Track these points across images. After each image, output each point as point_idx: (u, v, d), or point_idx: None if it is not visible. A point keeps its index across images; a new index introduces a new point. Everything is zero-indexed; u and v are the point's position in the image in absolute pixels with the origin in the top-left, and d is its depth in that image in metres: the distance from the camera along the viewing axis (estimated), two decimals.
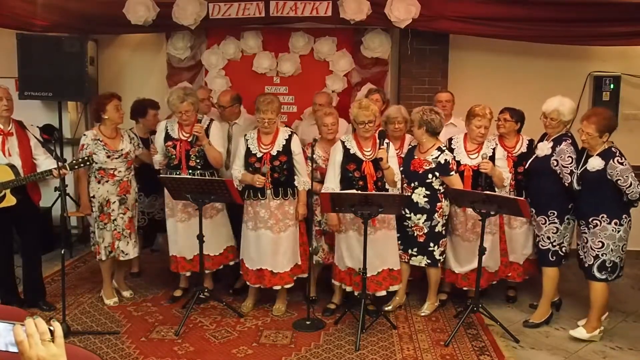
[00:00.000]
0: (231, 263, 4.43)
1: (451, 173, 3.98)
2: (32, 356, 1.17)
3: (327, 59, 5.50)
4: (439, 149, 4.01)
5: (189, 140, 4.15)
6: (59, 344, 1.21)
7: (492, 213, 3.77)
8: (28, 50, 5.18)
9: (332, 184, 3.92)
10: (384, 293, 4.04)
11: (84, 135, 4.19)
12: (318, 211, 4.14)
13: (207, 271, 4.31)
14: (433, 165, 3.97)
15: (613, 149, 3.62)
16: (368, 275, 3.87)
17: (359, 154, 3.92)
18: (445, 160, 3.96)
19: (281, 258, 4.03)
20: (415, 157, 4.05)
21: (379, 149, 3.80)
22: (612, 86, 5.39)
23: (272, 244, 4.01)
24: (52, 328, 1.21)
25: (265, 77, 5.56)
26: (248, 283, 4.22)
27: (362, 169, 3.89)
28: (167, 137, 4.22)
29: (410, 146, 4.17)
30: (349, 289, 4.07)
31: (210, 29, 5.49)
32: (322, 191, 3.90)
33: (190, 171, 4.16)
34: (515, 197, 3.75)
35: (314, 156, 4.05)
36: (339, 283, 4.13)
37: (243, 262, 4.19)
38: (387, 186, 3.94)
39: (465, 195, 3.86)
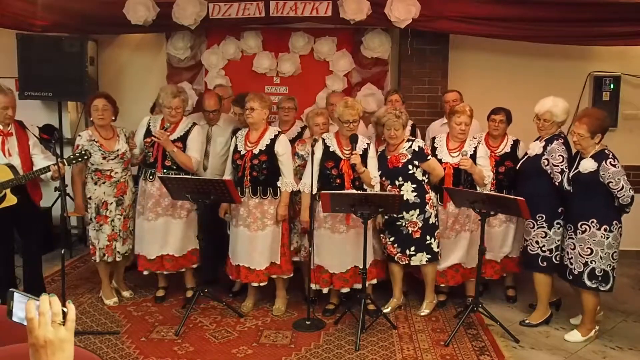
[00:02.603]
0: (193, 266, 4.36)
1: (428, 158, 4.03)
2: (39, 336, 1.13)
3: (327, 59, 5.50)
4: (408, 140, 4.07)
5: (153, 139, 4.11)
6: (70, 328, 1.17)
7: (491, 213, 3.77)
8: (28, 50, 5.18)
9: (309, 179, 3.94)
10: (347, 290, 4.09)
11: (79, 135, 4.20)
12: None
13: (165, 272, 4.34)
14: (409, 156, 4.00)
15: (606, 151, 3.58)
16: (335, 272, 3.99)
17: (338, 152, 3.96)
18: (419, 146, 4.02)
19: (257, 256, 4.04)
20: (388, 156, 4.06)
21: (352, 154, 3.82)
22: (612, 86, 5.39)
23: (248, 242, 4.03)
24: (65, 310, 1.17)
25: (265, 77, 5.56)
26: (230, 277, 4.26)
27: (340, 167, 3.91)
28: (148, 133, 4.21)
29: (378, 152, 4.15)
30: (314, 286, 4.06)
31: (210, 29, 5.49)
32: (300, 187, 3.99)
33: (165, 170, 4.14)
34: (516, 197, 3.74)
35: (302, 153, 4.20)
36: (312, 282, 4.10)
37: (229, 257, 4.22)
38: (364, 186, 3.96)
39: (465, 195, 3.85)
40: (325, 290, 4.10)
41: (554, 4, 4.99)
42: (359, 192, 3.86)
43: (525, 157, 4.03)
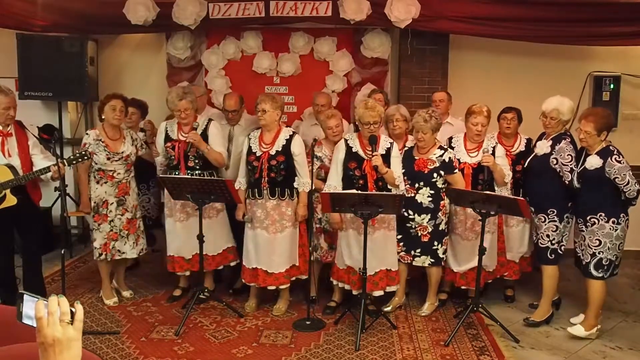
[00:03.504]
0: (232, 264, 4.42)
1: (455, 171, 4.00)
2: (47, 335, 1.17)
3: (327, 59, 5.50)
4: (440, 147, 4.03)
5: (187, 140, 4.13)
6: (77, 328, 1.20)
7: (492, 213, 3.77)
8: (28, 50, 5.18)
9: (334, 181, 3.95)
10: (381, 293, 4.04)
11: (87, 134, 4.20)
12: (319, 209, 4.14)
13: (205, 270, 4.31)
14: (438, 164, 3.98)
15: (611, 147, 3.64)
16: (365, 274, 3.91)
17: (360, 153, 3.93)
18: (449, 158, 3.99)
19: (277, 259, 4.03)
20: (416, 157, 4.04)
21: (372, 155, 3.80)
22: (612, 86, 5.39)
23: (267, 245, 4.01)
24: (73, 310, 1.21)
25: (265, 77, 5.56)
26: (243, 281, 4.23)
27: (363, 167, 3.90)
28: (167, 138, 4.23)
29: (406, 148, 4.16)
30: (347, 287, 4.09)
31: (210, 29, 5.49)
32: (324, 189, 3.94)
33: (189, 171, 4.15)
34: (515, 197, 3.76)
35: (320, 155, 4.12)
36: (337, 282, 4.14)
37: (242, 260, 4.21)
38: (389, 186, 3.94)
39: (466, 195, 3.86)
40: (355, 292, 4.04)
41: (554, 4, 4.99)
42: (358, 192, 3.85)
43: (533, 155, 4.05)
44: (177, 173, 4.16)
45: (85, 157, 3.89)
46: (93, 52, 5.38)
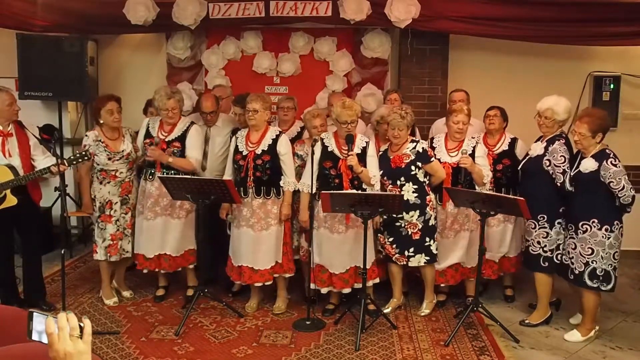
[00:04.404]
0: (190, 266, 4.39)
1: (431, 160, 4.02)
2: (59, 350, 1.22)
3: (327, 59, 5.50)
4: (412, 141, 4.07)
5: (166, 139, 4.15)
6: (87, 341, 1.26)
7: (491, 213, 3.77)
8: (28, 50, 5.18)
9: (309, 179, 3.95)
10: (348, 290, 4.08)
11: (86, 135, 4.21)
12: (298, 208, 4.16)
13: (162, 271, 4.37)
14: (413, 157, 4.00)
15: (607, 150, 3.58)
16: (335, 272, 3.98)
17: (336, 152, 3.95)
18: (423, 148, 4.01)
19: (262, 256, 4.04)
20: (391, 156, 4.06)
21: (348, 155, 3.82)
22: (612, 86, 5.39)
23: (252, 242, 4.03)
24: (82, 324, 1.26)
25: (265, 77, 5.56)
26: (231, 279, 4.25)
27: (338, 167, 3.92)
28: (147, 134, 4.24)
29: (380, 151, 4.16)
30: (313, 286, 4.08)
31: (210, 29, 5.49)
32: (300, 186, 4.01)
33: (164, 170, 4.15)
34: (516, 197, 3.74)
35: (301, 153, 4.21)
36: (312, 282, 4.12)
37: (230, 258, 4.21)
38: (364, 186, 3.95)
39: (465, 195, 3.85)
40: (324, 291, 4.11)
41: (554, 4, 4.99)
42: (359, 192, 3.86)
43: (527, 157, 4.04)
44: (152, 171, 4.17)
45: (86, 157, 3.89)
46: (93, 52, 5.38)
